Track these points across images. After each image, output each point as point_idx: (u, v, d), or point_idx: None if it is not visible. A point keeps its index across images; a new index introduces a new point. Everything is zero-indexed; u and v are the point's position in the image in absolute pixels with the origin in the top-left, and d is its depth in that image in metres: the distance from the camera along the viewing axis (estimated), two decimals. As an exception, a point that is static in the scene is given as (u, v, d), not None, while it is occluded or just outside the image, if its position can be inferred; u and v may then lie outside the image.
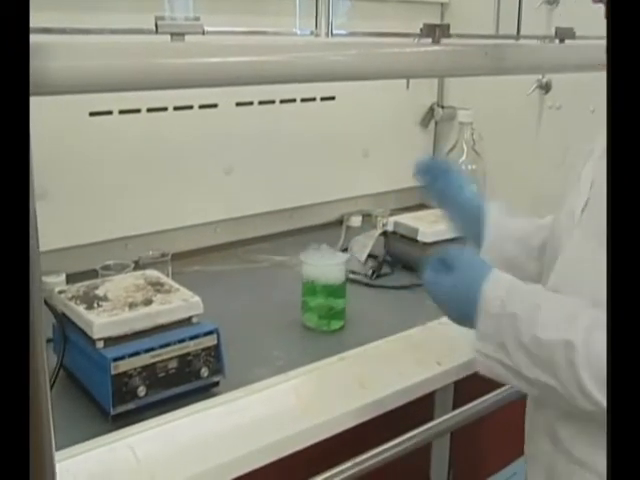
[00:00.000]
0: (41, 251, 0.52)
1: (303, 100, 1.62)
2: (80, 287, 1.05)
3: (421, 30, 0.97)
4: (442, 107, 1.89)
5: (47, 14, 1.23)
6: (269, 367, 1.06)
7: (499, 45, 0.99)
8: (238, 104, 1.56)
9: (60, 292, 1.03)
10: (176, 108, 1.46)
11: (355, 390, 1.01)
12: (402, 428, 1.01)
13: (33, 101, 0.50)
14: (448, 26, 0.99)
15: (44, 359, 0.53)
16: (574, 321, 0.74)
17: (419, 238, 1.47)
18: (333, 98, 1.73)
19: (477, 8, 1.73)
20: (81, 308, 0.97)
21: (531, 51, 1.14)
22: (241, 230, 1.64)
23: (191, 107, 1.49)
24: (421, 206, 1.93)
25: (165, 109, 1.45)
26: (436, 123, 1.94)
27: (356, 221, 1.78)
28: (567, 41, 1.22)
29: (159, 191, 1.47)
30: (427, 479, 1.19)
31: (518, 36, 1.26)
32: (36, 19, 0.55)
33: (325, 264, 1.24)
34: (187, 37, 0.77)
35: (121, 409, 0.92)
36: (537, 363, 0.75)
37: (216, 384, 1.01)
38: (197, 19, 0.79)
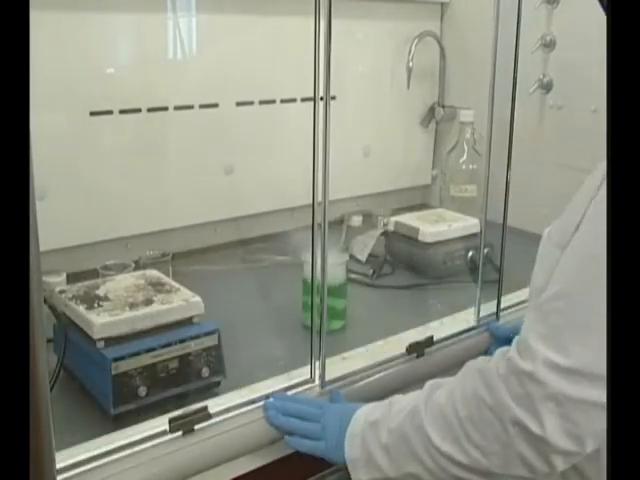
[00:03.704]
0: (41, 251, 0.52)
1: (303, 100, 1.61)
2: (80, 287, 1.05)
3: (407, 349, 1.08)
4: (443, 107, 1.89)
5: (49, 14, 1.24)
6: (270, 367, 1.05)
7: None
8: (238, 104, 1.55)
9: (60, 292, 1.03)
10: (176, 108, 1.46)
11: (356, 390, 1.01)
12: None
13: (33, 101, 0.50)
14: (432, 338, 1.10)
15: (44, 359, 0.53)
16: (418, 396, 0.81)
17: (420, 238, 1.47)
18: (334, 98, 1.72)
19: (477, 8, 1.72)
20: (81, 308, 0.97)
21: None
22: (241, 230, 1.63)
23: (191, 107, 1.48)
24: (422, 206, 1.93)
25: (165, 109, 1.44)
26: (437, 123, 1.94)
27: (357, 221, 1.78)
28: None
29: (159, 191, 1.47)
30: (428, 479, 1.19)
31: (517, 37, 1.26)
32: (39, 19, 0.54)
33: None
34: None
35: (122, 409, 0.91)
36: (397, 456, 0.79)
37: (217, 384, 1.01)
38: (204, 409, 0.88)
